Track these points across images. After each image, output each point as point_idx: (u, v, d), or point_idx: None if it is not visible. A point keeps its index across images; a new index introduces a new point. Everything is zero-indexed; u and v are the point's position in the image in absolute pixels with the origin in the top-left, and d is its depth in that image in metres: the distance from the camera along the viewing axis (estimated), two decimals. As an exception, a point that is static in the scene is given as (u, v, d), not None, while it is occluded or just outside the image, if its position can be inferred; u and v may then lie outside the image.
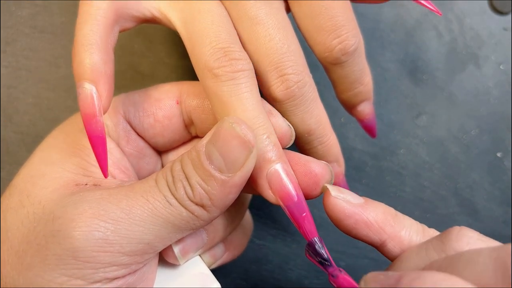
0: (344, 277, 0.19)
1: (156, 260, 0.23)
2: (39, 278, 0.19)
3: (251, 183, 0.21)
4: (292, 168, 0.21)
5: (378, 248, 0.21)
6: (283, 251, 0.32)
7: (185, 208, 0.20)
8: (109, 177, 0.23)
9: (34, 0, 0.33)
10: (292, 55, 0.22)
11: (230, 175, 0.20)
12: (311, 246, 0.20)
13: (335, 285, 0.20)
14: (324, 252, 0.20)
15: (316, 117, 0.23)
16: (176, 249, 0.22)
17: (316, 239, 0.20)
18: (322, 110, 0.24)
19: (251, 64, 0.21)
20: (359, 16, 0.35)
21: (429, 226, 0.21)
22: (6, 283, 0.20)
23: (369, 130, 0.28)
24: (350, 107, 0.26)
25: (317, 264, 0.20)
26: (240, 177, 0.20)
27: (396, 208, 0.21)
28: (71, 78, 0.32)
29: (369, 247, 0.21)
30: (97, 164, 0.22)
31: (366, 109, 0.26)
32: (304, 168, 0.22)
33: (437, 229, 0.20)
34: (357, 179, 0.33)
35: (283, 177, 0.20)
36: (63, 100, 0.32)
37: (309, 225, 0.21)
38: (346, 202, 0.21)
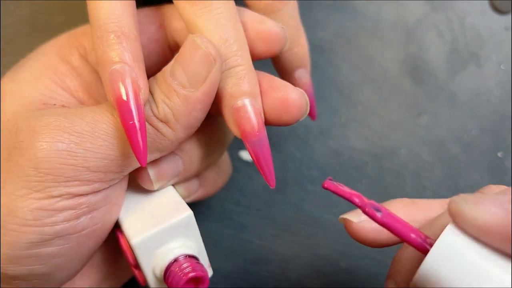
0: (388, 212, 0.17)
1: (123, 185, 0.22)
2: (2, 190, 0.19)
3: (219, 110, 0.21)
4: (264, 91, 0.21)
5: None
6: (283, 251, 0.32)
7: (150, 123, 0.20)
8: (78, 103, 0.23)
9: (33, -1, 0.33)
10: None
11: (192, 90, 0.19)
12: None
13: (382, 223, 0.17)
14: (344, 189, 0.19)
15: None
16: (151, 172, 0.22)
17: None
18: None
19: None
20: (360, 15, 0.35)
21: (430, 227, 0.21)
22: None
23: None
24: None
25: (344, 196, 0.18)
26: (202, 92, 0.20)
27: (397, 208, 0.21)
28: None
29: (369, 247, 0.21)
30: (66, 88, 0.22)
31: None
32: (278, 94, 0.21)
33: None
34: (358, 179, 0.33)
35: (250, 113, 0.20)
36: (63, 100, 0.32)
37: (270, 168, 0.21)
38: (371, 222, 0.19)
